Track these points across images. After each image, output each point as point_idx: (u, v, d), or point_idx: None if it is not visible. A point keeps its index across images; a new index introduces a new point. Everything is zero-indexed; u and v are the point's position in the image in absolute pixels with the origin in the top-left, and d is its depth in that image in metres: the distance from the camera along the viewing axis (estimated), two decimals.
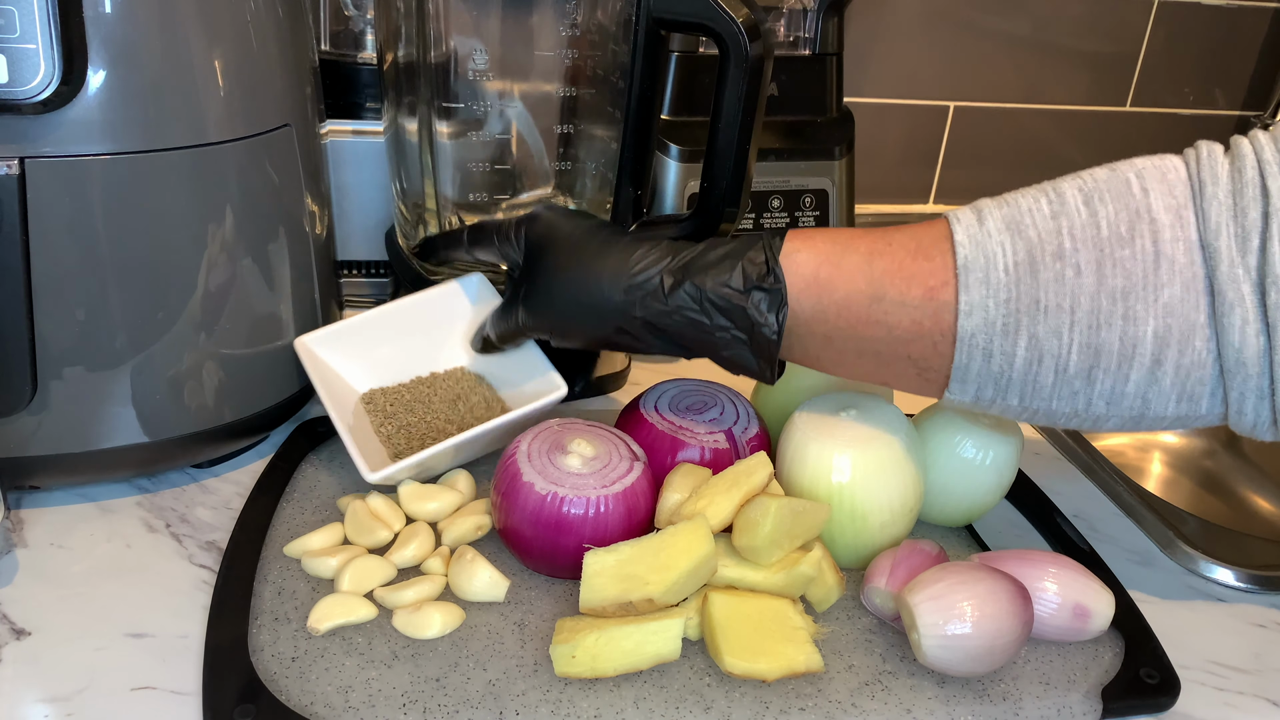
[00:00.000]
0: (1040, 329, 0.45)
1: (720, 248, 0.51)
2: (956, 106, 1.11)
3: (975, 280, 0.45)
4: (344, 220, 0.79)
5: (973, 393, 0.48)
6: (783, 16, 0.84)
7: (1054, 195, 0.46)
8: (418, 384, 0.62)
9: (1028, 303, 0.45)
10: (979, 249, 0.46)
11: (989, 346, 0.46)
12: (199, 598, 0.50)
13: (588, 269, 0.52)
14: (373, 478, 0.52)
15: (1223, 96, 1.19)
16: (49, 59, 0.44)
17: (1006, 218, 0.46)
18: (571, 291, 0.53)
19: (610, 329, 0.52)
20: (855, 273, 0.48)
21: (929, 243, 0.48)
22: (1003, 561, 0.50)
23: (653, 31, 0.60)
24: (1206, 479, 0.92)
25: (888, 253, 0.48)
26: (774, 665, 0.45)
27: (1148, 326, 0.44)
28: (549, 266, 0.54)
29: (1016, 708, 0.46)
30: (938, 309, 0.46)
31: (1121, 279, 0.44)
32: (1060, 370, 0.46)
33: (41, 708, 0.43)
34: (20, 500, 0.56)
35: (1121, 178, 0.46)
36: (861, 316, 0.48)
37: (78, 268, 0.49)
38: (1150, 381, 0.45)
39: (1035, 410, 0.48)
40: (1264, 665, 0.52)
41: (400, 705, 0.43)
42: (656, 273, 0.51)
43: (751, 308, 0.49)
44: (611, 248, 0.53)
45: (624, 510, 0.49)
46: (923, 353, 0.47)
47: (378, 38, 0.72)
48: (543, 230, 0.55)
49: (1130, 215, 0.45)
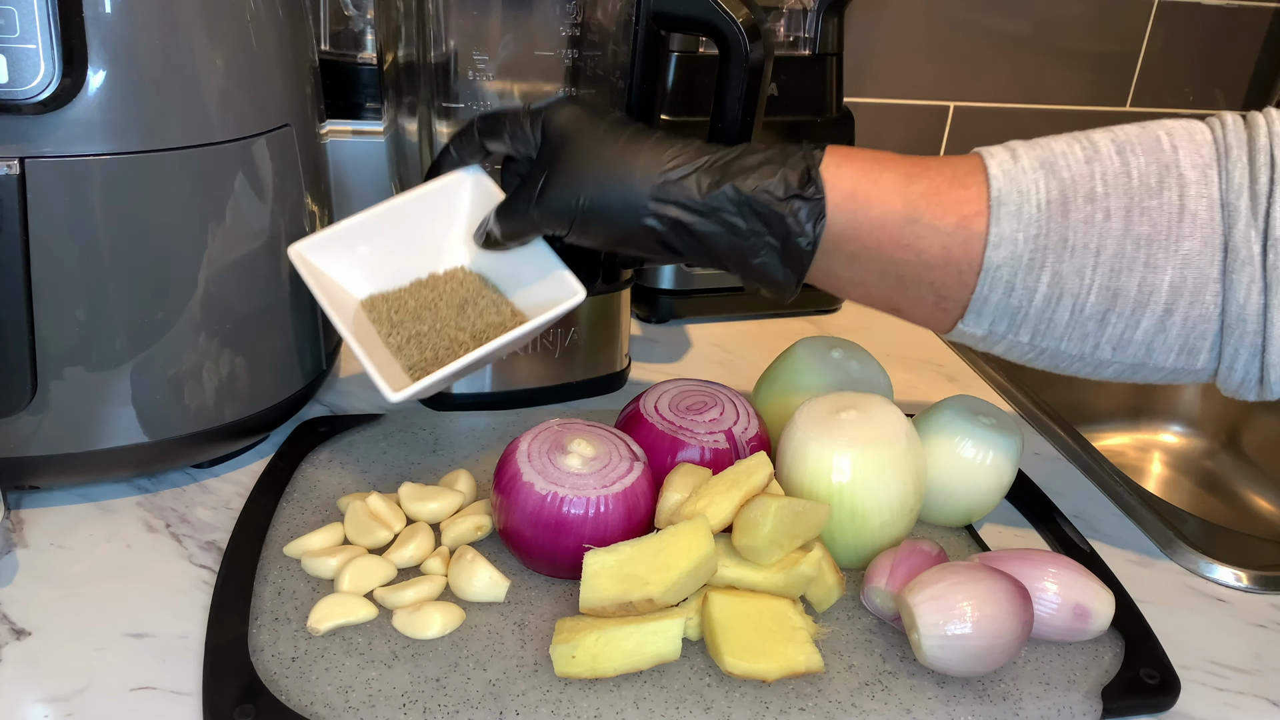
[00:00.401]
0: (1065, 267, 0.47)
1: (759, 153, 0.50)
2: (956, 106, 1.11)
3: (1007, 213, 0.47)
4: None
5: (986, 325, 0.49)
6: (783, 16, 0.84)
7: (1087, 143, 0.48)
8: (419, 287, 0.58)
9: (1056, 240, 0.46)
10: (1013, 183, 0.47)
11: (1012, 280, 0.47)
12: (199, 598, 0.50)
13: (619, 160, 0.50)
14: (395, 397, 0.49)
15: (1223, 96, 1.19)
16: (49, 59, 0.44)
17: (1040, 157, 0.48)
18: (600, 183, 0.50)
19: (637, 226, 0.50)
20: (892, 192, 0.48)
21: (964, 172, 0.48)
22: (1003, 561, 0.50)
23: (653, 31, 0.60)
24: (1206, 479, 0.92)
25: (925, 176, 0.49)
26: (774, 665, 0.45)
27: (1165, 275, 0.46)
28: (573, 156, 0.51)
29: (1016, 708, 0.46)
30: (969, 238, 0.47)
31: (1147, 227, 0.46)
32: (1077, 310, 0.47)
33: (41, 708, 0.43)
34: (20, 500, 0.56)
35: (1152, 134, 0.48)
36: (893, 237, 0.48)
37: (78, 268, 0.49)
38: (1158, 330, 0.47)
39: (1043, 349, 0.49)
40: (1264, 665, 0.52)
41: (400, 705, 0.43)
42: (693, 170, 0.49)
43: (790, 216, 0.48)
44: (643, 141, 0.51)
45: (624, 510, 0.49)
46: (946, 280, 0.48)
47: (378, 38, 0.72)
48: (567, 119, 0.52)
49: (1160, 168, 0.46)
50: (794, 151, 0.50)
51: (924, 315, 0.51)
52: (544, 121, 0.52)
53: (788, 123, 0.84)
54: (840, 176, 0.49)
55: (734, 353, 0.82)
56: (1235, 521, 0.87)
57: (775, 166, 0.49)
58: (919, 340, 0.88)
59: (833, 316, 0.91)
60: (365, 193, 0.79)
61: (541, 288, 0.56)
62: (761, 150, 0.50)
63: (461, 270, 0.59)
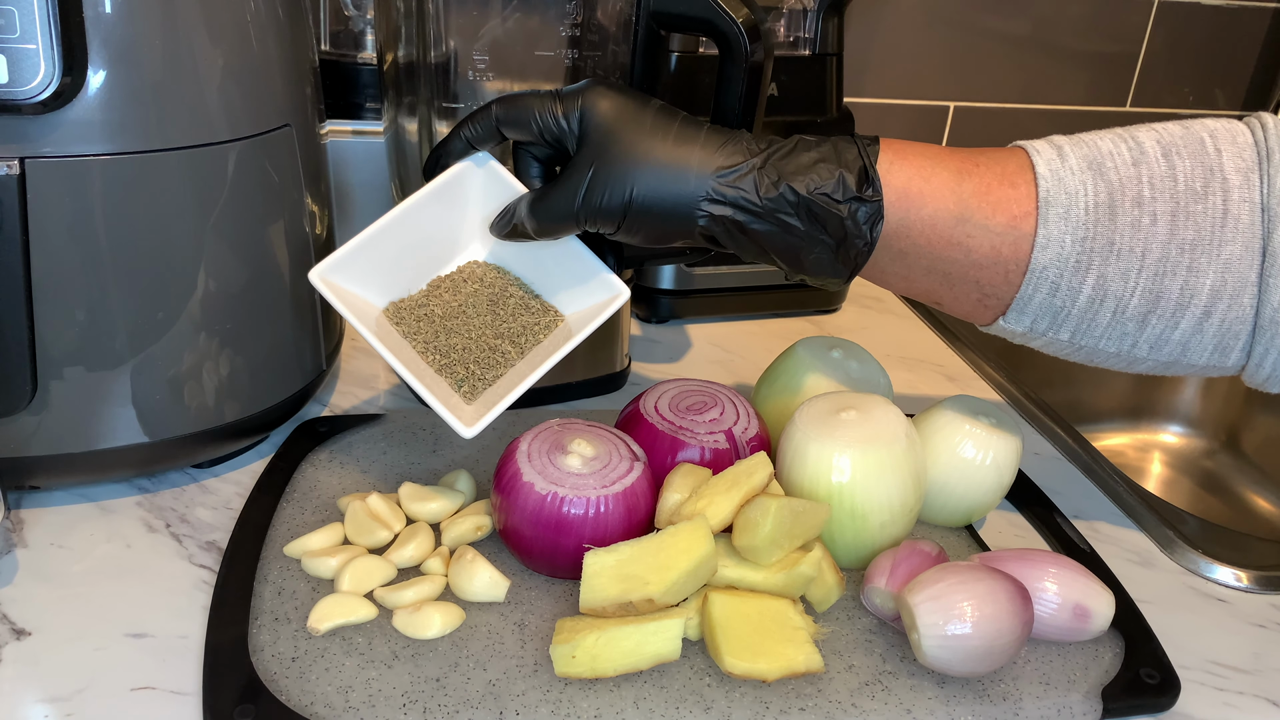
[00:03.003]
0: (1110, 270, 0.47)
1: (812, 149, 0.49)
2: (956, 106, 1.11)
3: (1056, 215, 0.47)
4: (344, 220, 0.80)
5: (1028, 323, 0.49)
6: (783, 16, 0.84)
7: (1133, 143, 0.48)
8: (439, 289, 0.56)
9: (1103, 243, 0.47)
10: (1060, 184, 0.47)
11: (1058, 281, 0.47)
12: (199, 598, 0.50)
13: (671, 156, 0.48)
14: (469, 433, 0.49)
15: (1223, 96, 1.19)
16: (49, 59, 0.44)
17: (1087, 157, 0.48)
18: (652, 180, 0.48)
19: (690, 224, 0.49)
20: (944, 190, 0.48)
21: (1013, 169, 0.48)
22: (1003, 561, 0.50)
23: (653, 31, 0.60)
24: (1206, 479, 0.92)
25: (975, 174, 0.49)
26: (774, 665, 0.45)
27: (1207, 279, 0.47)
28: (623, 150, 0.48)
29: (1016, 708, 0.46)
30: (1018, 239, 0.47)
31: (1192, 232, 0.46)
32: (1119, 311, 0.48)
33: (41, 708, 0.43)
34: (20, 500, 0.56)
35: (1195, 135, 0.48)
36: (944, 236, 0.48)
37: (78, 268, 0.49)
38: (1196, 331, 0.48)
39: (1081, 346, 0.50)
40: (1264, 665, 0.52)
41: (400, 705, 0.43)
42: (748, 168, 0.48)
43: (849, 219, 0.48)
44: (694, 134, 0.49)
45: (624, 510, 0.49)
46: (992, 279, 0.49)
47: (378, 38, 0.72)
48: (611, 109, 0.49)
49: (1205, 172, 0.47)
50: (848, 148, 0.49)
51: (966, 310, 0.51)
52: (583, 110, 0.50)
53: (788, 123, 0.84)
54: (893, 174, 0.48)
55: (734, 353, 0.82)
56: (1235, 521, 0.87)
57: (832, 166, 0.48)
58: (919, 340, 0.88)
59: (833, 316, 0.91)
60: (365, 192, 0.79)
61: (573, 285, 0.55)
62: (814, 145, 0.49)
63: (478, 264, 0.57)
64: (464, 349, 0.54)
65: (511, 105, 0.51)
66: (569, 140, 0.50)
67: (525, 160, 0.54)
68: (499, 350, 0.54)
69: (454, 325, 0.55)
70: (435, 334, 0.54)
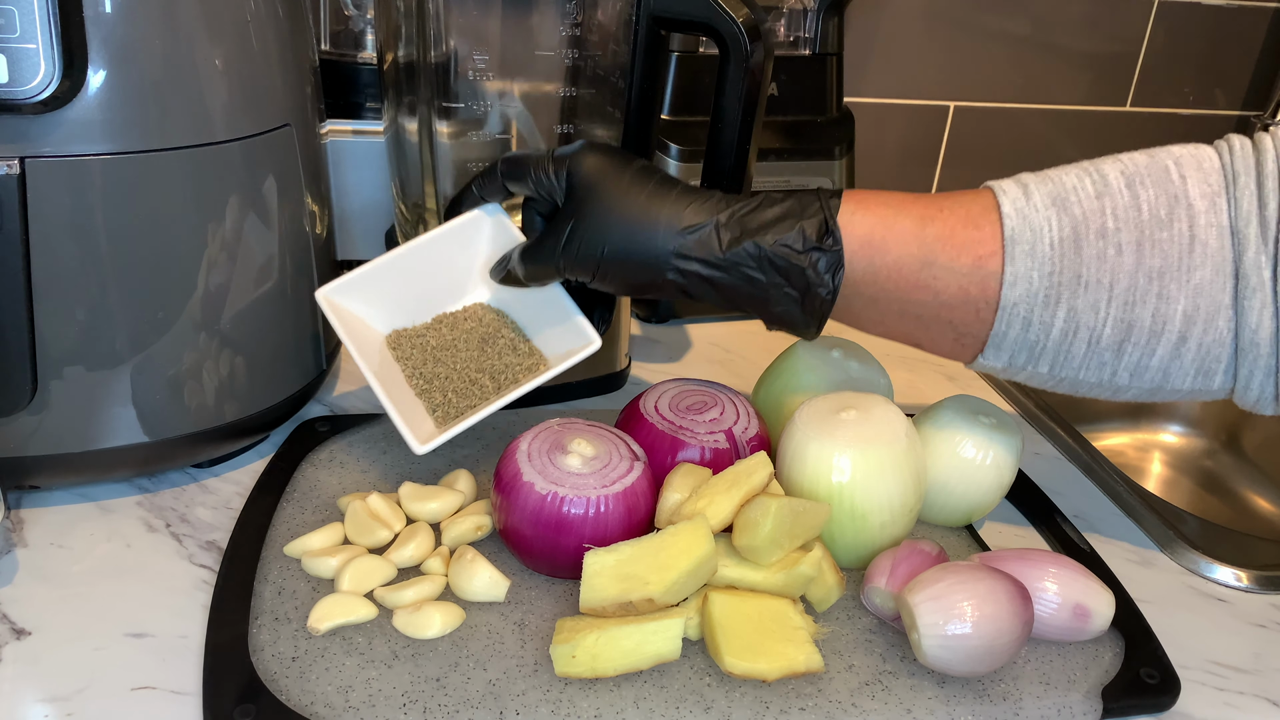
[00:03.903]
0: (1080, 302, 0.47)
1: (776, 205, 0.51)
2: (956, 106, 1.11)
3: (1021, 252, 0.47)
4: (344, 220, 0.80)
5: (1005, 359, 0.50)
6: (783, 16, 0.84)
7: (1097, 176, 0.49)
8: (440, 324, 0.60)
9: (1070, 277, 0.47)
10: (1025, 222, 0.48)
11: (1029, 316, 0.48)
12: (199, 598, 0.50)
13: (642, 214, 0.51)
14: (422, 450, 0.52)
15: (1223, 96, 1.19)
16: (49, 59, 0.44)
17: (1052, 194, 0.48)
18: (623, 235, 0.51)
19: (660, 278, 0.52)
20: (908, 236, 0.49)
21: (978, 212, 0.49)
22: (1003, 561, 0.50)
23: (653, 31, 0.60)
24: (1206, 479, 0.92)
25: (939, 219, 0.49)
26: (774, 665, 0.45)
27: (1179, 305, 0.47)
28: (598, 207, 0.52)
29: (1016, 708, 0.46)
30: (984, 277, 0.48)
31: (1159, 259, 0.47)
32: (1093, 342, 0.48)
33: (41, 708, 0.43)
34: (20, 500, 0.56)
35: (1160, 164, 0.48)
36: (911, 280, 0.49)
37: (78, 268, 0.49)
38: (1174, 357, 0.48)
39: (1062, 379, 0.50)
40: (1264, 665, 0.52)
41: (400, 705, 0.43)
42: (712, 225, 0.50)
43: (809, 268, 0.50)
44: (665, 194, 0.52)
45: (624, 510, 0.49)
46: (964, 318, 0.49)
47: (378, 38, 0.72)
48: (592, 168, 0.53)
49: (1169, 199, 0.47)
50: (811, 202, 0.51)
51: (945, 349, 0.52)
52: (569, 169, 0.53)
53: (788, 123, 0.84)
54: (856, 224, 0.50)
55: (734, 353, 0.82)
56: (1235, 521, 0.87)
57: (793, 220, 0.50)
58: None
59: None
60: (365, 192, 0.79)
61: (557, 331, 0.58)
62: (779, 202, 0.51)
63: (481, 306, 0.61)
64: (445, 378, 0.57)
65: (513, 163, 0.56)
66: (558, 196, 0.54)
67: (530, 214, 0.58)
68: (478, 384, 0.57)
69: (442, 356, 0.58)
70: (424, 361, 0.58)
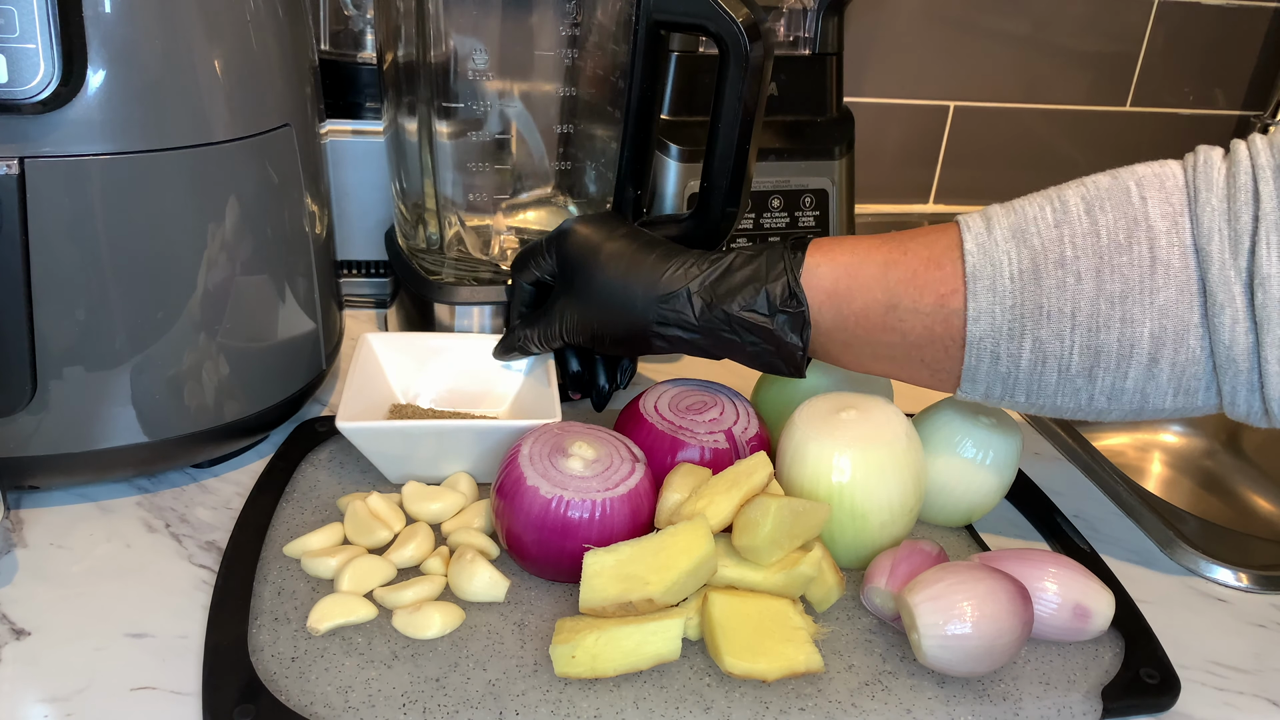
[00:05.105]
0: (1044, 332, 0.47)
1: (744, 268, 0.53)
2: (956, 106, 1.11)
3: (983, 288, 0.48)
4: (344, 220, 0.79)
5: (982, 391, 0.50)
6: (783, 16, 0.84)
7: (1058, 203, 0.48)
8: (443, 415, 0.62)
9: (1031, 308, 0.47)
10: (986, 257, 0.48)
11: (996, 349, 0.48)
12: (199, 598, 0.50)
13: (620, 284, 0.55)
14: (340, 423, 0.54)
15: (1223, 96, 1.19)
16: (49, 59, 0.44)
17: (1013, 226, 0.48)
18: (607, 305, 0.55)
19: (644, 339, 0.55)
20: (872, 283, 0.50)
21: (940, 250, 0.50)
22: (1003, 561, 0.50)
23: (653, 31, 0.60)
24: (1206, 479, 0.92)
25: (902, 262, 0.50)
26: (774, 665, 0.45)
27: (1144, 328, 0.46)
28: (584, 281, 0.56)
29: (1016, 708, 0.46)
30: (948, 315, 0.49)
31: (1119, 284, 0.46)
32: (1063, 370, 0.48)
33: (41, 708, 0.43)
34: (20, 500, 0.56)
35: (1122, 185, 0.48)
36: (878, 324, 0.50)
37: (78, 268, 0.49)
38: (1148, 378, 0.47)
39: (1041, 405, 0.50)
40: (1264, 665, 0.52)
41: (400, 705, 0.43)
42: (684, 294, 0.53)
43: (777, 329, 0.52)
44: (641, 263, 0.55)
45: (628, 512, 0.49)
46: (935, 356, 0.50)
47: (378, 38, 0.72)
48: (575, 245, 0.57)
49: (1129, 223, 0.47)
50: (776, 261, 0.52)
51: (924, 383, 0.52)
52: (556, 249, 0.58)
53: (788, 123, 0.84)
54: (821, 276, 0.51)
55: None
56: (1235, 521, 0.87)
57: (758, 285, 0.52)
58: None
59: None
60: (365, 192, 0.79)
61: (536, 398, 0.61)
62: (748, 262, 0.53)
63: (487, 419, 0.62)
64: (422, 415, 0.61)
65: (519, 264, 0.61)
66: (555, 273, 0.59)
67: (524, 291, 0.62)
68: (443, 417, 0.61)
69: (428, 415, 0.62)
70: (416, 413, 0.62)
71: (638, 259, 0.55)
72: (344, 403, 0.56)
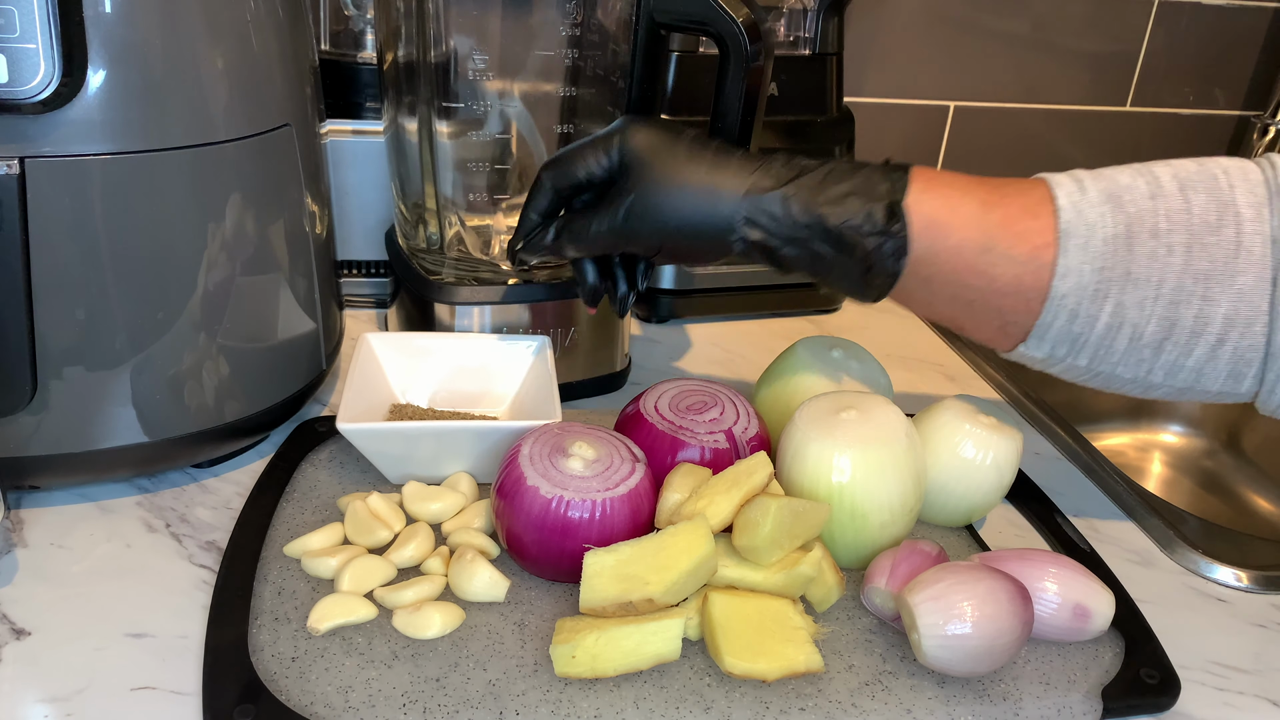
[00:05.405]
0: (1128, 298, 0.49)
1: (844, 180, 0.50)
2: (956, 106, 1.11)
3: (1075, 245, 0.48)
4: (344, 220, 0.79)
5: (1047, 349, 0.51)
6: (783, 16, 0.84)
7: (1150, 178, 0.50)
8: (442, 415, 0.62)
9: (1120, 273, 0.48)
10: (1080, 216, 0.49)
11: (1076, 309, 0.49)
12: (199, 598, 0.50)
13: (707, 180, 0.51)
14: (340, 424, 0.54)
15: (1223, 96, 1.19)
16: (49, 59, 0.44)
17: (1106, 190, 0.49)
18: (689, 205, 0.51)
19: (723, 246, 0.51)
20: (971, 221, 0.50)
21: (1035, 201, 0.50)
22: (1003, 561, 0.50)
23: (653, 31, 0.60)
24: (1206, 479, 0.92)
25: (1000, 205, 0.50)
26: (774, 665, 0.45)
27: (1220, 309, 0.48)
28: (660, 177, 0.51)
29: (1016, 708, 0.46)
30: (1039, 268, 0.49)
31: (1206, 263, 0.48)
32: (1135, 339, 0.49)
33: (41, 708, 0.43)
34: (20, 500, 0.56)
35: (1209, 171, 0.50)
36: (968, 264, 0.50)
37: (78, 267, 0.49)
38: (1209, 358, 0.49)
39: (1099, 373, 0.51)
40: (1264, 665, 0.52)
41: (400, 705, 0.43)
42: (779, 195, 0.50)
43: (874, 251, 0.50)
44: (727, 160, 0.51)
45: (629, 512, 0.49)
46: (1013, 307, 0.50)
47: (378, 38, 0.72)
48: (646, 139, 0.52)
49: (1219, 206, 0.48)
50: (880, 181, 0.50)
51: (987, 335, 0.52)
52: (620, 145, 0.53)
53: (788, 123, 0.84)
54: (922, 204, 0.50)
55: (734, 353, 0.82)
56: (1235, 521, 0.87)
57: (862, 201, 0.50)
58: (919, 340, 0.88)
59: (833, 316, 0.91)
60: (365, 193, 0.79)
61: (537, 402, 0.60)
62: (847, 176, 0.50)
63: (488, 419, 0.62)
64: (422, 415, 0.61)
65: (557, 165, 0.55)
66: (611, 171, 0.53)
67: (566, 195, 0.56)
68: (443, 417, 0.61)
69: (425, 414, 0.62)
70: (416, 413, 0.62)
71: (722, 155, 0.51)
72: (344, 403, 0.56)
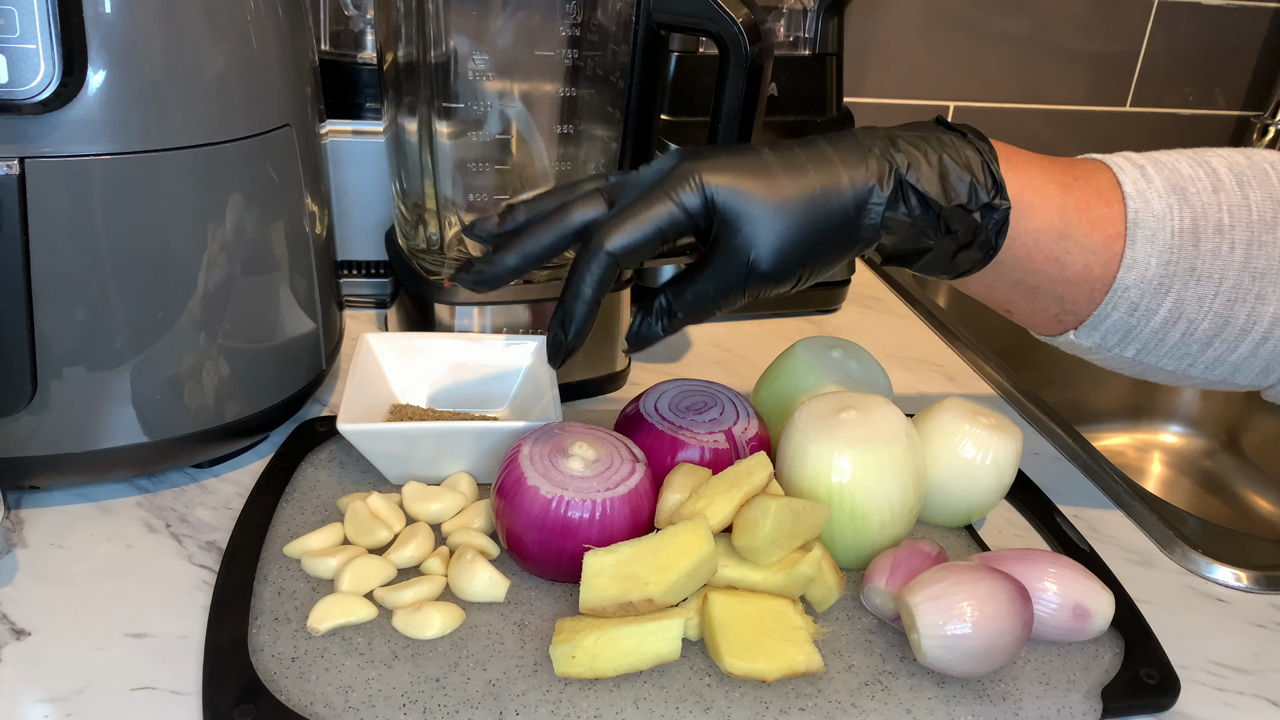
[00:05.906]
0: (1189, 294, 0.48)
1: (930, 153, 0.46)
2: (956, 106, 1.11)
3: (1143, 237, 0.47)
4: (344, 220, 0.79)
5: (1098, 339, 0.50)
6: (783, 16, 0.84)
7: (1209, 169, 0.49)
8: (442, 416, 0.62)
9: (1184, 268, 0.47)
10: (1148, 206, 0.48)
11: (1137, 301, 0.48)
12: (199, 598, 0.50)
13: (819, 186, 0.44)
14: (340, 425, 0.54)
15: (1223, 96, 1.19)
16: (49, 59, 0.44)
17: (1170, 181, 0.48)
18: (814, 217, 0.44)
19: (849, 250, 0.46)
20: (1050, 203, 0.48)
21: (1105, 186, 0.48)
22: (1003, 561, 0.50)
23: (653, 31, 0.60)
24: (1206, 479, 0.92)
25: (1075, 188, 0.48)
26: (774, 665, 0.45)
27: (1270, 307, 0.48)
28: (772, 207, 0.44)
29: (1016, 708, 0.46)
30: (1109, 259, 0.48)
31: (1263, 261, 0.48)
32: (1187, 334, 0.49)
33: (41, 708, 0.43)
34: (20, 500, 0.56)
35: (1259, 165, 0.49)
36: (1045, 250, 0.48)
37: (78, 268, 0.49)
38: (1251, 355, 0.49)
39: (1142, 363, 0.51)
40: (1264, 665, 0.52)
41: (400, 705, 0.43)
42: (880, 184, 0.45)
43: (981, 225, 0.46)
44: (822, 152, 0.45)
45: (629, 512, 0.49)
46: (1076, 296, 0.49)
47: (378, 38, 0.72)
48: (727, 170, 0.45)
49: (1274, 203, 0.48)
50: (966, 150, 0.46)
51: (1038, 322, 0.51)
52: (700, 189, 0.44)
53: (788, 123, 0.84)
54: (1008, 179, 0.47)
55: (734, 353, 0.82)
56: (1235, 521, 0.87)
57: (962, 173, 0.46)
58: (919, 340, 0.88)
59: (833, 316, 0.92)
60: (365, 192, 0.79)
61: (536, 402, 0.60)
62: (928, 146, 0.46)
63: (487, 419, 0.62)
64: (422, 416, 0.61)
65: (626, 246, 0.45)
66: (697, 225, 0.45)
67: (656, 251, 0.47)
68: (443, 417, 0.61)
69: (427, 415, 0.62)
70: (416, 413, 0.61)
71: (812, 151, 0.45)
72: (344, 404, 0.56)
